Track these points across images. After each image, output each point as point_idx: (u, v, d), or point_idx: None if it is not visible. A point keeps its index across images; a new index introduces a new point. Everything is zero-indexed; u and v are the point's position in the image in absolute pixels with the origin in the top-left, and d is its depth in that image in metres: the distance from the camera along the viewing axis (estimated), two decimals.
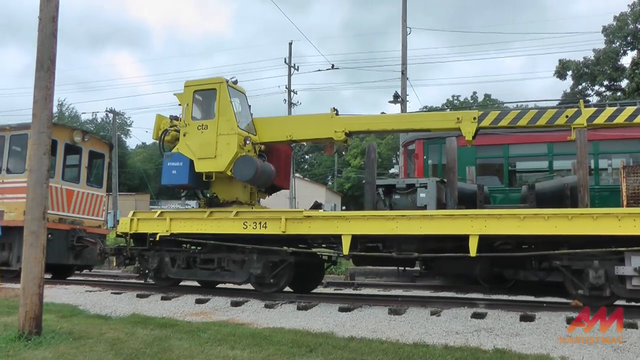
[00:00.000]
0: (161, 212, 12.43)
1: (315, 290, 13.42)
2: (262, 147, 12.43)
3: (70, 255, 16.14)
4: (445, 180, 11.51)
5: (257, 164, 11.48)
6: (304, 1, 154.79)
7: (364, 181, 11.83)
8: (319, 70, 64.25)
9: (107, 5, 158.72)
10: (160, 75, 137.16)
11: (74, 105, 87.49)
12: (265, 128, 12.43)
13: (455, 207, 10.76)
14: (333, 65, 35.91)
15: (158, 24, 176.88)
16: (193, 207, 22.65)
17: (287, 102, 41.12)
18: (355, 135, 13.05)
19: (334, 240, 10.99)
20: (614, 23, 36.32)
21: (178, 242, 12.18)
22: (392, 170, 39.77)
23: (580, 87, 37.37)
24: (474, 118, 11.02)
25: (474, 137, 11.10)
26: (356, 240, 10.53)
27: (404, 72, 26.20)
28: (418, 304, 10.27)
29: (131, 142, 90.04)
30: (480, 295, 13.45)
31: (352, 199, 68.17)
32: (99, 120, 78.62)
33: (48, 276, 15.47)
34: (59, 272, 17.06)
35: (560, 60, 37.02)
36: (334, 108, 11.88)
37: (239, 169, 11.46)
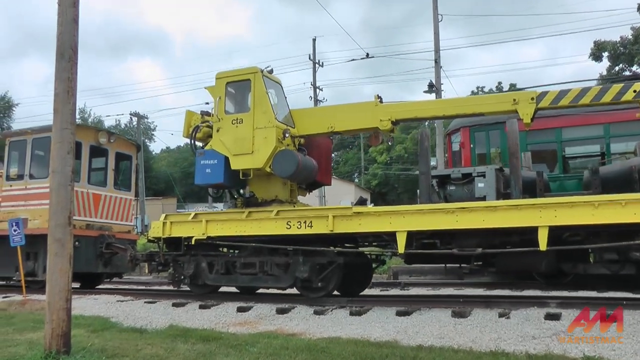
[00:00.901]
0: (195, 214, 11.64)
1: (362, 293, 12.52)
2: (302, 140, 11.59)
3: (99, 263, 15.49)
4: (502, 168, 10.61)
5: (298, 158, 10.64)
6: (324, 1, 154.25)
7: (417, 171, 10.98)
8: (352, 59, 63.36)
9: (126, 12, 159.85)
10: (181, 79, 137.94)
11: (95, 111, 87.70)
12: (305, 119, 11.61)
13: (520, 196, 9.78)
14: (368, 54, 34.93)
15: (177, 29, 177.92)
16: (220, 210, 21.89)
17: (312, 98, 40.47)
18: (402, 123, 12.21)
19: (386, 238, 10.08)
20: None
21: (214, 245, 11.38)
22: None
23: (617, 68, 35.92)
24: (532, 98, 10.14)
25: (532, 120, 10.20)
26: (411, 236, 9.63)
27: (437, 61, 25.34)
28: (481, 304, 9.38)
29: (155, 147, 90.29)
30: (539, 292, 12.65)
31: (380, 196, 67.45)
32: (123, 125, 78.66)
33: (76, 285, 14.91)
34: (87, 281, 16.49)
35: (595, 42, 35.72)
36: (377, 95, 11.03)
37: (279, 164, 10.63)
